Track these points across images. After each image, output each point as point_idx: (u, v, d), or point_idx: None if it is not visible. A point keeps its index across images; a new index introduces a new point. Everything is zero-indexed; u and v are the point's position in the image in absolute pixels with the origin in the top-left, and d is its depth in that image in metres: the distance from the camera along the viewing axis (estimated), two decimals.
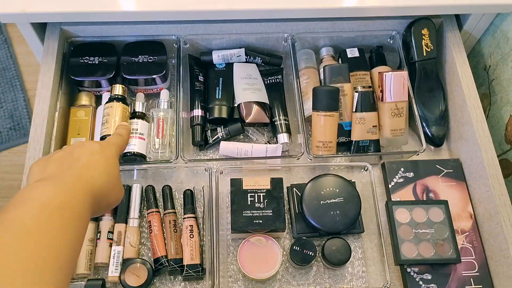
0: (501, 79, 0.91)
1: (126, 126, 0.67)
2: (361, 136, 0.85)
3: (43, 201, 0.45)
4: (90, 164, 0.53)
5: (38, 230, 0.42)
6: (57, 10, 0.81)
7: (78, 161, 0.53)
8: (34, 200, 0.45)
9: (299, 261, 0.76)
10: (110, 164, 0.55)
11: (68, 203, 0.46)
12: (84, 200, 0.49)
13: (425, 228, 0.80)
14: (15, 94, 1.69)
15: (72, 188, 0.49)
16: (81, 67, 0.88)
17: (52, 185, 0.48)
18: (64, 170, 0.52)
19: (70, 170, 0.51)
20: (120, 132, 0.64)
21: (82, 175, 0.51)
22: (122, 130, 0.65)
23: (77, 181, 0.50)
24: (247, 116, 0.88)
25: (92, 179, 0.52)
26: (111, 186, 0.54)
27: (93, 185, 0.51)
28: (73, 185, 0.49)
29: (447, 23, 0.92)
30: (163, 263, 0.77)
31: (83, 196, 0.49)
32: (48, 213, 0.44)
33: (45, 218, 0.43)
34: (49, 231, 0.42)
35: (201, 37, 0.93)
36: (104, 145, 0.57)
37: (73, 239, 0.45)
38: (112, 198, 0.55)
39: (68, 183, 0.49)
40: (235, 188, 0.79)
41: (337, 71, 0.87)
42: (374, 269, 0.80)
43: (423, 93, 0.90)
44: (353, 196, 0.79)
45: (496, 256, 0.77)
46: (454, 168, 0.86)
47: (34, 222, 0.42)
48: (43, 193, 0.46)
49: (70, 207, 0.46)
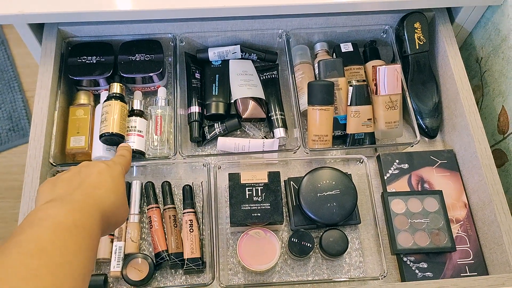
0: (493, 70, 0.92)
1: (127, 147, 0.69)
2: (356, 129, 0.87)
3: (56, 221, 0.46)
4: (98, 184, 0.55)
5: (54, 250, 0.43)
6: (54, 10, 0.82)
7: (86, 181, 0.54)
8: (47, 221, 0.46)
9: (297, 252, 0.78)
10: (117, 183, 0.57)
11: (81, 222, 0.48)
12: (95, 218, 0.50)
13: (420, 218, 0.82)
14: (13, 96, 1.70)
15: (84, 207, 0.50)
16: (79, 66, 0.89)
17: (63, 205, 0.49)
18: (73, 189, 0.53)
19: (79, 189, 0.53)
20: (122, 153, 0.67)
21: (91, 194, 0.53)
22: (124, 151, 0.67)
23: (87, 200, 0.52)
24: (244, 111, 0.90)
25: (101, 198, 0.53)
26: (118, 205, 0.56)
27: (102, 203, 0.53)
28: (84, 204, 0.51)
29: (439, 16, 0.94)
30: (164, 257, 0.79)
31: (94, 214, 0.51)
32: (62, 233, 0.45)
33: (59, 238, 0.44)
34: (65, 250, 0.44)
35: (197, 34, 0.94)
36: (110, 165, 0.59)
37: (87, 257, 0.46)
38: (119, 217, 0.56)
39: (79, 202, 0.51)
40: (233, 182, 0.80)
41: (332, 66, 0.89)
42: (371, 259, 0.82)
43: (416, 86, 0.92)
44: (349, 188, 0.80)
45: (490, 243, 0.78)
46: (448, 159, 0.88)
47: (49, 242, 0.43)
48: (55, 214, 0.47)
49: (82, 226, 0.47)
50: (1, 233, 1.49)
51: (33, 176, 0.77)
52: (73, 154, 0.85)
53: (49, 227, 0.45)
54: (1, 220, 1.51)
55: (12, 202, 1.53)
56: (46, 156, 0.80)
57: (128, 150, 0.68)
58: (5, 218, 1.51)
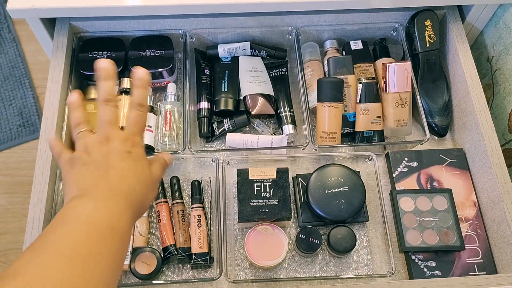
0: (504, 69, 0.91)
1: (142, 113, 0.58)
2: (365, 127, 0.87)
3: (90, 222, 0.45)
4: (124, 173, 0.51)
5: (89, 255, 0.42)
6: (66, 5, 0.83)
7: (112, 171, 0.51)
8: (81, 221, 0.45)
9: (305, 249, 0.77)
10: (137, 166, 0.53)
11: (115, 223, 0.47)
12: (128, 217, 0.49)
13: (429, 216, 0.81)
14: (24, 92, 1.71)
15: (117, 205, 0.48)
16: (90, 61, 0.90)
17: (93, 203, 0.47)
18: (100, 182, 0.50)
19: (106, 182, 0.50)
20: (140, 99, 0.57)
21: (119, 186, 0.50)
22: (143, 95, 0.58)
23: (118, 195, 0.49)
24: (253, 108, 0.90)
25: (129, 189, 0.51)
26: (145, 191, 0.53)
27: (132, 196, 0.51)
28: (117, 201, 0.49)
29: (450, 14, 0.93)
30: (172, 251, 0.79)
31: (127, 211, 0.49)
32: (96, 235, 0.44)
33: (93, 241, 0.44)
34: (99, 256, 0.43)
35: (207, 31, 0.94)
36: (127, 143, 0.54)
37: (120, 257, 0.46)
38: (148, 201, 0.54)
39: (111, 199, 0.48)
40: (242, 178, 0.80)
41: (341, 63, 0.89)
42: (379, 256, 0.82)
43: (426, 84, 0.91)
44: (357, 185, 0.80)
45: (499, 243, 0.78)
46: (457, 158, 0.87)
47: (84, 246, 0.43)
48: (88, 213, 0.46)
49: (116, 227, 0.47)
50: (11, 228, 1.51)
51: (43, 169, 0.78)
52: None
53: (83, 228, 0.44)
54: (11, 215, 1.53)
55: (22, 197, 1.55)
56: None
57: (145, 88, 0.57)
58: (15, 213, 1.53)
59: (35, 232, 0.73)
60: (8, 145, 1.63)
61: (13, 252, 1.47)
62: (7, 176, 1.58)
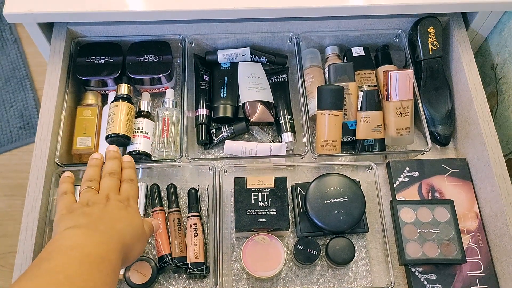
0: (509, 77, 0.90)
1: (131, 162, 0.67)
2: (366, 135, 0.85)
3: (84, 252, 0.48)
4: (118, 218, 0.57)
5: (82, 281, 0.45)
6: (63, 10, 0.82)
7: (106, 215, 0.56)
8: (76, 250, 0.48)
9: (303, 260, 0.76)
10: (131, 216, 0.59)
11: (107, 255, 0.50)
12: (119, 253, 0.52)
13: (430, 228, 0.80)
14: (25, 94, 1.71)
15: (109, 240, 0.52)
16: (88, 66, 0.89)
17: (89, 234, 0.51)
18: (95, 221, 0.55)
19: (102, 221, 0.55)
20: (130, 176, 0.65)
21: (114, 227, 0.55)
22: (130, 172, 0.66)
23: (111, 232, 0.54)
24: (252, 115, 0.89)
25: (122, 231, 0.55)
26: (136, 237, 0.58)
27: (123, 237, 0.55)
28: (109, 236, 0.53)
29: (453, 21, 0.91)
30: (167, 261, 0.78)
31: (117, 248, 0.53)
32: (89, 265, 0.47)
33: (87, 271, 0.46)
34: (91, 282, 0.46)
35: (206, 36, 0.93)
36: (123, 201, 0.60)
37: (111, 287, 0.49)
38: (137, 251, 0.58)
39: (104, 234, 0.52)
40: (239, 187, 0.79)
41: (342, 70, 0.87)
42: (379, 268, 0.80)
43: (429, 92, 0.89)
44: (357, 195, 0.78)
45: (502, 256, 0.76)
46: (460, 168, 0.85)
47: (77, 275, 0.45)
48: (83, 243, 0.49)
49: (108, 260, 0.50)
50: (10, 230, 1.50)
51: (38, 176, 0.77)
52: (79, 154, 0.85)
53: (77, 257, 0.47)
54: (10, 218, 1.52)
55: (22, 200, 1.54)
56: (52, 156, 0.80)
57: (132, 168, 0.67)
58: (14, 216, 1.52)
59: (28, 241, 0.72)
60: (8, 148, 1.62)
61: (12, 255, 1.46)
62: (7, 178, 1.58)
